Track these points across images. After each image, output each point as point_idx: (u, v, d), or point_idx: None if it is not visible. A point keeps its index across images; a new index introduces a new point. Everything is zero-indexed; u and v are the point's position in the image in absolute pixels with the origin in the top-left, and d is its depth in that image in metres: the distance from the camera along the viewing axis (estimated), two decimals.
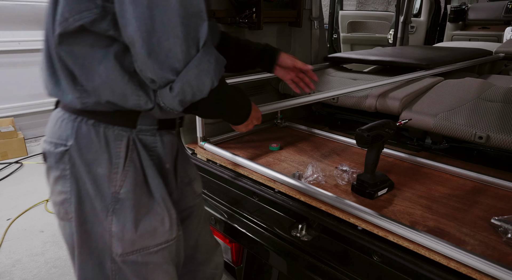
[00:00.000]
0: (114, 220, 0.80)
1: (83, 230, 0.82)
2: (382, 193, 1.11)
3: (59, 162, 0.80)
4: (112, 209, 0.80)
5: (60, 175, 0.80)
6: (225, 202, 1.34)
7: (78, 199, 0.80)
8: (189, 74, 0.70)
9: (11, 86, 4.11)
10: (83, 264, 0.85)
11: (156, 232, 0.85)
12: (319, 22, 2.10)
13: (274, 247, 1.14)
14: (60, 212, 0.84)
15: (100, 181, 0.79)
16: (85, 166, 0.78)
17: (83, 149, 0.78)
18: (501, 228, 0.92)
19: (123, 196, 0.80)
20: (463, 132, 1.28)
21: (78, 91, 0.76)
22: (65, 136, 0.79)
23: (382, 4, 7.50)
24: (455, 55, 2.19)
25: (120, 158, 0.80)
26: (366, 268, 0.96)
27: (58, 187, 0.82)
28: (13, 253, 2.27)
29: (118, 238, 0.81)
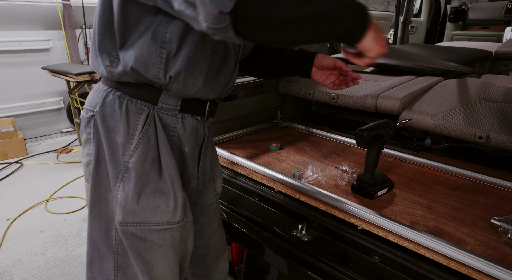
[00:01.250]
0: (120, 187, 0.85)
1: (96, 192, 0.89)
2: (382, 193, 1.11)
3: (87, 126, 0.87)
4: (121, 177, 0.85)
5: (87, 138, 0.88)
6: (225, 202, 1.34)
7: (96, 162, 0.87)
8: None
9: (11, 86, 4.11)
10: (92, 224, 0.92)
11: (158, 210, 0.87)
12: None
13: (274, 247, 1.14)
14: (86, 173, 0.91)
15: (116, 148, 0.85)
16: (106, 132, 0.85)
17: (106, 117, 0.84)
18: (501, 228, 0.92)
19: (131, 165, 0.84)
20: (463, 132, 1.28)
21: (110, 61, 0.82)
22: (94, 103, 0.86)
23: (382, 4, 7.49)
24: (457, 58, 2.19)
25: (137, 130, 0.85)
26: (366, 268, 0.96)
27: (85, 150, 0.89)
28: (13, 253, 2.27)
29: (121, 205, 0.85)
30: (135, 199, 0.85)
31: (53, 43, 4.31)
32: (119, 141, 0.84)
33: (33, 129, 4.40)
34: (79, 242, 2.39)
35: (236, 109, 1.68)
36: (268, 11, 0.61)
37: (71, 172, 3.41)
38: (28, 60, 4.17)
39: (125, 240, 0.88)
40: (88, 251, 0.95)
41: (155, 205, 0.86)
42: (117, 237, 0.89)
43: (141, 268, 0.90)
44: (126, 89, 0.85)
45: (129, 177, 0.84)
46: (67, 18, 4.31)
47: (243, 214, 1.27)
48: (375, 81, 1.75)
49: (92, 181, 0.88)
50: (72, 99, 4.01)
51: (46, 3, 4.11)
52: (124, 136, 0.84)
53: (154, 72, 0.81)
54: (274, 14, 0.62)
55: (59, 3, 4.21)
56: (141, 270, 0.90)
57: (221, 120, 1.60)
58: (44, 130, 4.49)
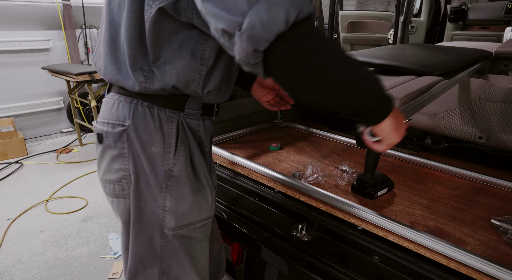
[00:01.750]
0: (168, 195, 0.87)
1: (137, 206, 0.88)
2: (382, 193, 1.11)
3: (118, 141, 0.85)
4: (166, 185, 0.86)
5: (119, 153, 0.85)
6: (225, 202, 1.34)
7: (135, 176, 0.86)
8: (259, 8, 0.60)
9: (11, 86, 4.12)
10: (135, 238, 0.91)
11: (202, 208, 0.93)
12: (319, 22, 2.10)
13: (274, 247, 1.14)
14: (116, 189, 0.89)
15: (154, 159, 0.85)
16: (141, 145, 0.84)
17: (139, 129, 0.84)
18: (501, 228, 0.92)
19: (176, 173, 0.86)
20: (463, 132, 1.28)
21: (144, 77, 0.81)
22: (123, 117, 0.85)
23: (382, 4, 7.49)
24: (457, 59, 2.19)
25: (172, 138, 0.85)
26: (366, 268, 0.96)
27: (115, 165, 0.87)
28: (13, 253, 2.27)
29: (172, 212, 0.88)
30: (184, 203, 0.88)
31: (53, 43, 4.31)
32: (156, 152, 0.85)
33: (33, 129, 4.40)
34: (79, 242, 2.39)
35: (236, 109, 1.68)
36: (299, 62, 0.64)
37: (71, 172, 3.41)
38: (28, 60, 4.17)
39: (175, 243, 0.92)
40: (130, 266, 0.94)
41: (200, 205, 0.92)
42: (162, 244, 0.91)
43: (189, 265, 0.95)
44: (153, 99, 0.85)
45: (174, 184, 0.87)
46: (67, 18, 4.31)
47: (243, 214, 1.27)
48: None
49: (133, 196, 0.88)
50: (72, 99, 4.01)
51: (46, 3, 4.11)
52: (161, 145, 0.85)
53: (194, 88, 0.83)
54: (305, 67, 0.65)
55: (59, 3, 4.21)
56: (190, 267, 0.95)
57: (221, 120, 1.60)
58: (44, 130, 4.49)
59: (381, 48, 2.63)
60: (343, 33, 4.51)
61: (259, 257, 1.25)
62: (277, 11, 0.60)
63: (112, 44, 0.83)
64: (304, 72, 0.65)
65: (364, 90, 0.71)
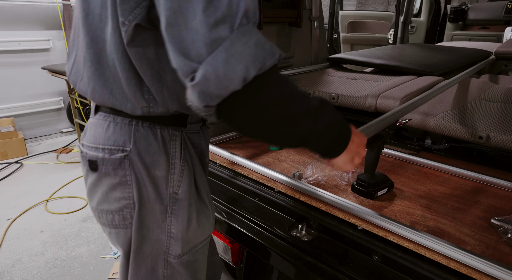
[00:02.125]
0: (173, 221, 0.81)
1: (139, 235, 0.81)
2: (382, 193, 1.11)
3: (118, 168, 0.76)
4: (171, 210, 0.80)
5: (120, 181, 0.77)
6: (225, 202, 1.34)
7: (139, 203, 0.78)
8: (216, 58, 0.54)
9: (11, 86, 4.11)
10: (136, 270, 0.84)
11: (205, 228, 0.88)
12: (319, 22, 2.10)
13: (274, 247, 1.14)
14: (116, 220, 0.81)
15: (159, 183, 0.79)
16: (144, 170, 0.77)
17: (142, 153, 0.76)
18: (501, 228, 0.92)
19: (181, 196, 0.81)
20: (463, 132, 1.28)
21: (146, 101, 0.74)
22: (122, 141, 0.76)
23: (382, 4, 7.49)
24: (457, 58, 2.19)
25: (176, 158, 0.80)
26: (366, 268, 0.96)
27: (115, 194, 0.78)
28: (13, 253, 2.27)
29: (178, 238, 0.82)
30: (189, 227, 0.83)
31: (53, 43, 4.31)
32: (160, 175, 0.78)
33: (33, 129, 4.40)
34: (79, 242, 2.39)
35: None
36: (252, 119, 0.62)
37: (71, 172, 3.41)
38: (28, 60, 4.17)
39: (181, 270, 0.86)
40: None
41: (203, 225, 0.86)
42: (166, 273, 0.85)
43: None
44: (153, 118, 0.77)
45: (179, 208, 0.81)
46: (67, 18, 4.31)
47: (243, 214, 1.27)
48: (375, 81, 1.75)
49: (136, 225, 0.80)
50: (72, 99, 4.01)
51: (46, 3, 4.11)
52: (165, 167, 0.78)
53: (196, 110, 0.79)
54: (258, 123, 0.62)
55: (59, 3, 4.21)
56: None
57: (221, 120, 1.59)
58: (44, 130, 4.49)
59: (381, 48, 2.63)
60: (343, 33, 4.51)
61: (259, 257, 1.25)
62: (236, 66, 0.55)
63: (98, 65, 0.73)
64: (257, 126, 0.63)
65: (320, 140, 0.68)
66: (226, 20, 0.55)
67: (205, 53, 0.55)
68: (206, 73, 0.55)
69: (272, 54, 0.58)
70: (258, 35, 0.58)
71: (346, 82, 1.78)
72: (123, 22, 0.64)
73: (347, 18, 4.52)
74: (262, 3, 1.58)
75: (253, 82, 0.57)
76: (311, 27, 2.05)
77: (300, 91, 0.64)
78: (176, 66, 0.58)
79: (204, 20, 0.54)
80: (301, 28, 1.93)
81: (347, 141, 0.72)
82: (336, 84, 1.79)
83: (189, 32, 0.54)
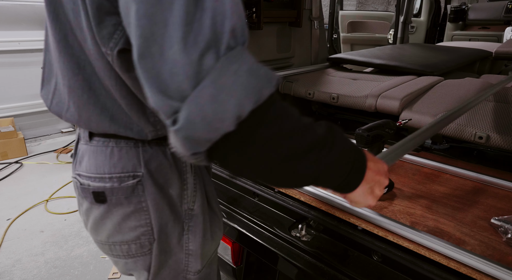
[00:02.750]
0: (190, 238, 0.77)
1: (159, 260, 0.76)
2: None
3: (132, 196, 0.70)
4: (188, 227, 0.77)
5: (135, 209, 0.71)
6: (225, 202, 1.34)
7: (158, 228, 0.73)
8: (202, 94, 0.45)
9: (11, 86, 4.11)
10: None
11: (217, 239, 0.86)
12: (319, 22, 2.10)
13: (274, 247, 1.14)
14: (132, 249, 0.74)
15: (174, 201, 0.74)
16: (160, 192, 0.71)
17: (155, 174, 0.70)
18: (501, 228, 0.92)
19: (196, 211, 0.77)
20: (463, 132, 1.28)
21: (152, 124, 0.67)
22: (131, 166, 0.68)
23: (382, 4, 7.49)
24: (457, 58, 2.19)
25: (188, 173, 0.75)
26: (366, 268, 0.96)
27: (130, 223, 0.72)
28: (13, 253, 2.27)
29: (196, 255, 0.79)
30: (205, 241, 0.80)
31: None
32: (175, 193, 0.73)
33: (33, 129, 4.39)
34: (79, 242, 2.39)
35: None
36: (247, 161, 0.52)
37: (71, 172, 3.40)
38: (28, 60, 4.17)
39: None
40: None
41: (216, 235, 0.84)
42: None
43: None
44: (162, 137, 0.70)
45: (195, 224, 0.78)
46: None
47: (243, 214, 1.27)
48: (375, 81, 1.75)
49: (155, 251, 0.75)
50: None
51: None
52: (178, 185, 0.74)
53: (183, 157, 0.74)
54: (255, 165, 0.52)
55: None
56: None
57: None
58: (44, 130, 4.49)
59: (381, 48, 2.63)
60: (343, 33, 4.51)
61: (259, 257, 1.25)
62: (227, 103, 0.45)
63: (91, 91, 0.64)
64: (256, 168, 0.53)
65: (332, 174, 0.57)
66: (211, 45, 0.45)
67: (188, 88, 0.45)
68: (190, 114, 0.45)
69: (268, 81, 0.49)
70: (250, 59, 0.48)
71: (346, 82, 1.78)
72: (105, 52, 0.57)
73: (347, 18, 4.52)
74: (262, 3, 1.58)
75: (249, 118, 0.47)
76: (311, 27, 2.05)
77: (304, 121, 0.54)
78: (153, 106, 0.47)
79: (183, 48, 0.44)
80: (301, 28, 1.93)
81: (363, 170, 0.60)
82: (336, 84, 1.79)
83: (166, 64, 0.44)
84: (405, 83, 1.70)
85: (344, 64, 2.20)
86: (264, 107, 0.48)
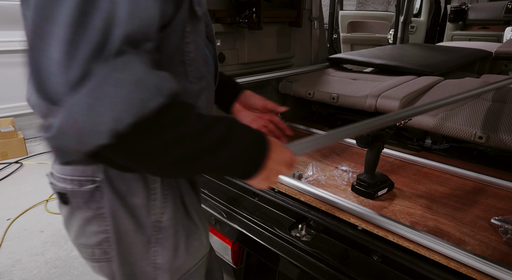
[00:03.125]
0: (159, 250, 0.73)
1: (123, 271, 0.74)
2: (382, 193, 1.11)
3: (90, 201, 0.68)
4: (155, 239, 0.72)
5: (94, 214, 0.69)
6: (225, 202, 1.34)
7: (117, 237, 0.70)
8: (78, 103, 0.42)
9: (11, 86, 4.11)
10: None
11: (197, 252, 0.80)
12: (319, 22, 2.10)
13: (274, 247, 1.14)
14: (96, 254, 0.73)
15: (138, 212, 0.70)
16: (120, 200, 0.67)
17: (115, 181, 0.67)
18: (501, 228, 0.92)
19: (166, 223, 0.72)
20: (463, 132, 1.28)
21: None
22: (91, 170, 0.66)
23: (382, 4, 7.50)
24: (457, 58, 2.19)
25: (157, 182, 0.70)
26: (366, 268, 0.96)
27: (92, 228, 0.71)
28: (13, 253, 2.27)
29: (165, 269, 0.75)
30: (177, 255, 0.75)
31: None
32: (139, 203, 0.69)
33: (33, 129, 4.39)
34: None
35: None
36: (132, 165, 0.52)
37: None
38: None
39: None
40: None
41: (194, 249, 0.79)
42: None
43: None
44: None
45: (166, 236, 0.73)
46: None
47: (243, 214, 1.27)
48: (375, 81, 1.75)
49: (118, 261, 0.72)
50: None
51: None
52: (144, 194, 0.69)
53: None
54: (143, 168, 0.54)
55: None
56: None
57: None
58: None
59: (381, 48, 2.63)
60: (343, 33, 4.51)
61: (259, 257, 1.25)
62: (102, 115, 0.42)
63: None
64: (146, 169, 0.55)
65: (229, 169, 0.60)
66: (97, 50, 0.42)
67: (63, 92, 0.42)
68: (62, 123, 0.42)
69: (158, 93, 0.46)
70: (140, 69, 0.45)
71: (346, 82, 1.78)
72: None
73: (347, 18, 4.52)
74: (262, 3, 1.58)
75: (129, 131, 0.45)
76: (311, 27, 2.05)
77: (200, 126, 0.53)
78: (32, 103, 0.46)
79: (64, 48, 0.41)
80: (301, 28, 1.93)
81: (259, 164, 0.62)
82: (336, 84, 1.79)
83: (45, 61, 0.42)
84: (405, 83, 1.70)
85: (344, 64, 2.20)
86: (150, 119, 0.46)
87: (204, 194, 1.41)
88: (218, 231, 1.35)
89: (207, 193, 1.42)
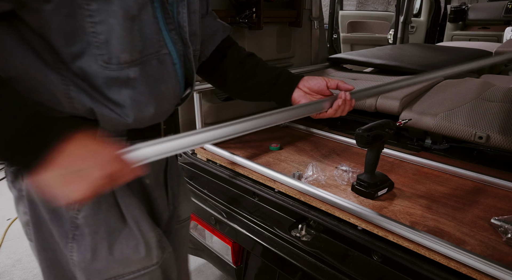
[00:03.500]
0: (75, 248, 0.70)
1: (43, 258, 0.74)
2: (382, 193, 1.11)
3: (15, 181, 0.70)
4: (72, 235, 0.70)
5: (19, 195, 0.72)
6: (225, 202, 1.34)
7: (36, 222, 0.71)
8: None
9: None
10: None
11: (129, 260, 0.75)
12: (319, 22, 2.10)
13: (274, 247, 1.14)
14: (27, 232, 0.75)
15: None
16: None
17: None
18: (501, 228, 0.92)
19: (81, 221, 0.69)
20: (463, 132, 1.28)
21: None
22: None
23: (382, 4, 7.50)
24: (457, 58, 2.19)
25: None
26: (366, 268, 0.96)
27: (20, 208, 0.73)
28: (13, 253, 2.27)
29: (81, 267, 0.72)
30: (96, 257, 0.71)
31: None
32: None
33: None
34: None
35: (236, 109, 1.68)
36: None
37: None
38: None
39: None
40: None
41: (124, 256, 0.73)
42: None
43: None
44: None
45: (82, 234, 0.70)
46: None
47: (243, 214, 1.27)
48: (375, 81, 1.75)
49: (37, 246, 0.73)
50: None
51: None
52: None
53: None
54: None
55: None
56: None
57: (221, 120, 1.60)
58: None
59: (381, 48, 2.63)
60: (343, 33, 4.51)
61: (259, 257, 1.25)
62: None
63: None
64: None
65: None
66: None
67: None
68: None
69: None
70: None
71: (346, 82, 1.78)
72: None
73: (347, 18, 4.52)
74: (262, 3, 1.58)
75: None
76: (311, 27, 2.05)
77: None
78: None
79: None
80: (301, 28, 1.93)
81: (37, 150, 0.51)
82: None
83: None
84: None
85: (344, 64, 2.20)
86: None
87: (204, 194, 1.41)
88: (218, 231, 1.35)
89: (207, 193, 1.42)
